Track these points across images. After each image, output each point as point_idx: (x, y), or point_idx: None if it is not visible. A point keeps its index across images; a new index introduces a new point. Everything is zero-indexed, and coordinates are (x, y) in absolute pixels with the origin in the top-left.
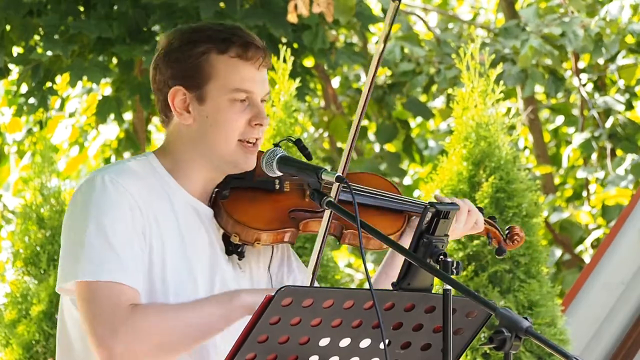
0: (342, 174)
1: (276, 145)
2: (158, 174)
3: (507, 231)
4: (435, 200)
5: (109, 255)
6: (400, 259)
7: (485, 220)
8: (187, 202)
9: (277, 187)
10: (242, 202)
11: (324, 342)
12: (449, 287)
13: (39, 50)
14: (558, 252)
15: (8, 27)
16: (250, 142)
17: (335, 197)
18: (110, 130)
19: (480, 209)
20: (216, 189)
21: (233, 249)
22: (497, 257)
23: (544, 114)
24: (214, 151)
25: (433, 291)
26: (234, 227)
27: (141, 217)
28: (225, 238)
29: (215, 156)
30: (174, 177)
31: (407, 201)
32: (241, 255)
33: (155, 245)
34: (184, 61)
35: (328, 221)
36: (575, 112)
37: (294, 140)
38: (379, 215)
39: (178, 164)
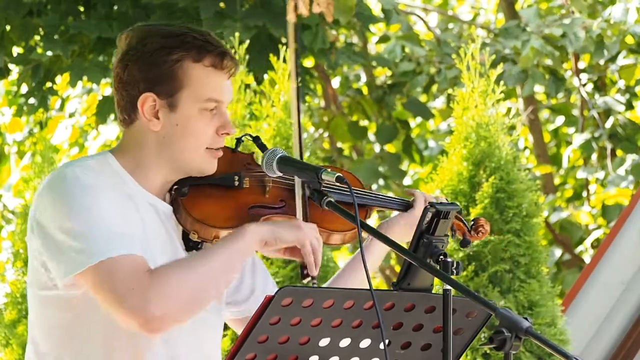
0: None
1: (238, 140)
2: (117, 173)
3: (472, 223)
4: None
5: (107, 233)
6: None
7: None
8: (147, 200)
9: (237, 183)
10: (200, 199)
11: (324, 342)
12: (449, 287)
13: (39, 50)
14: (558, 252)
15: (8, 27)
16: (217, 149)
17: (304, 195)
18: (110, 131)
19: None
20: (175, 186)
21: (193, 246)
22: (461, 248)
23: (544, 114)
24: (181, 158)
25: (433, 291)
26: (193, 225)
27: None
28: (185, 235)
29: (182, 162)
30: (133, 177)
31: (382, 197)
32: (195, 246)
33: None
34: (158, 67)
35: (305, 210)
36: (576, 112)
37: (252, 137)
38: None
39: (139, 165)
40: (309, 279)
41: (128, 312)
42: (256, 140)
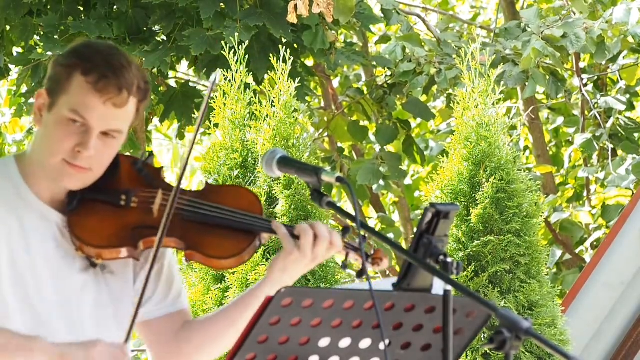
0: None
1: (139, 158)
2: (12, 179)
3: (372, 252)
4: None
5: None
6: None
7: (346, 244)
8: (38, 209)
9: (123, 203)
10: (86, 216)
11: (324, 342)
12: (449, 287)
13: (39, 50)
14: (558, 253)
15: (8, 27)
16: (74, 165)
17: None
18: None
19: (346, 229)
20: (67, 198)
21: (91, 263)
22: (356, 278)
23: (544, 113)
24: (43, 160)
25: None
26: (75, 241)
27: None
28: None
29: (47, 168)
30: (27, 183)
31: (254, 220)
32: (94, 265)
33: None
34: (59, 68)
35: (160, 238)
36: (576, 112)
37: (148, 154)
38: (224, 234)
39: (29, 168)
40: None
41: None
42: (150, 156)
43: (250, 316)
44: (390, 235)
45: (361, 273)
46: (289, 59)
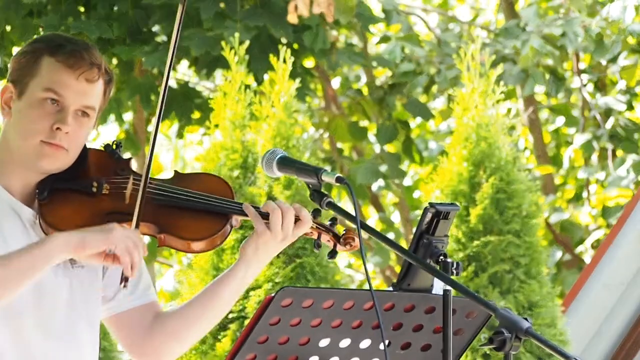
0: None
1: (111, 145)
2: None
3: (343, 233)
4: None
5: None
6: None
7: (317, 224)
8: (9, 204)
9: (95, 189)
10: (58, 205)
11: (324, 342)
12: (449, 287)
13: None
14: (558, 253)
15: (8, 28)
16: (52, 144)
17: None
18: (111, 131)
19: (316, 210)
20: (37, 189)
21: None
22: (328, 259)
23: (544, 114)
24: (20, 147)
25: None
26: (48, 230)
27: None
28: None
29: (22, 153)
30: None
31: (225, 203)
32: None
33: None
34: (23, 57)
35: (137, 222)
36: (576, 112)
37: (114, 144)
38: (196, 217)
39: (1, 166)
40: (125, 283)
41: None
42: (119, 146)
43: (227, 296)
44: (390, 236)
45: (333, 254)
46: (289, 59)
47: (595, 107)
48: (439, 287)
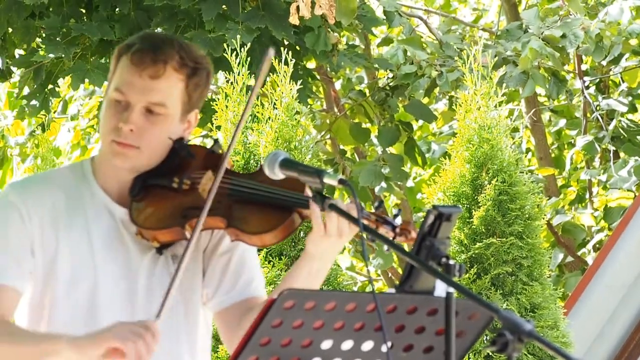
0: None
1: (215, 141)
2: (85, 178)
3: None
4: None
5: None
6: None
7: (377, 216)
8: (105, 205)
9: (176, 185)
10: (145, 201)
11: (326, 344)
12: (451, 289)
13: (41, 52)
14: (561, 255)
15: (10, 30)
16: (120, 143)
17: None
18: None
19: (380, 202)
20: (130, 188)
21: (157, 250)
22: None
23: (546, 115)
24: (102, 147)
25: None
26: (134, 227)
27: (30, 226)
28: None
29: (104, 153)
30: (97, 180)
31: (294, 197)
32: (159, 252)
33: (49, 252)
34: (113, 59)
35: (200, 218)
36: (578, 114)
37: (214, 140)
38: (266, 211)
39: (98, 165)
40: None
41: None
42: (216, 143)
43: (299, 285)
44: None
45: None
46: (291, 61)
47: (597, 109)
48: (441, 289)
